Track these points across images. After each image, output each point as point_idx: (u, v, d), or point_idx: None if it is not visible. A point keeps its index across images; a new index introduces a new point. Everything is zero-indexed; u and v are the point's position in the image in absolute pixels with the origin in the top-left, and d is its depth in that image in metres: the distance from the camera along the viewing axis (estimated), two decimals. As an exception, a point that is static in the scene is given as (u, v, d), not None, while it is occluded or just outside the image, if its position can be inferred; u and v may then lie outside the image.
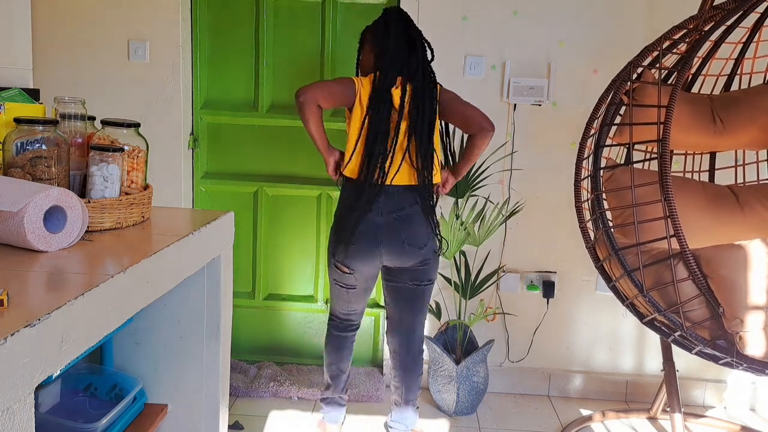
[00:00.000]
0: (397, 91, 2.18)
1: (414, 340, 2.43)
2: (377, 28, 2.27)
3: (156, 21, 2.86)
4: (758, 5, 2.24)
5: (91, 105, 1.58)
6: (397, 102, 2.18)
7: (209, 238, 1.51)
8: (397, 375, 2.46)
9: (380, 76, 2.18)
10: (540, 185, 2.93)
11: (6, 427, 0.81)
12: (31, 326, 0.84)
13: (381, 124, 2.15)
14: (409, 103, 2.18)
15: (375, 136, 2.15)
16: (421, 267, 2.29)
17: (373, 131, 2.16)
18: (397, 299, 2.38)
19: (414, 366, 2.44)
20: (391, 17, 2.26)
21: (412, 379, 2.44)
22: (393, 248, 2.22)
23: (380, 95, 2.16)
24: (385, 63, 2.19)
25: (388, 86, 2.16)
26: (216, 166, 3.08)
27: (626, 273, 2.13)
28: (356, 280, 2.30)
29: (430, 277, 2.35)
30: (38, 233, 1.17)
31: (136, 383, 1.61)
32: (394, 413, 2.50)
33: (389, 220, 2.19)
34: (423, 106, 2.18)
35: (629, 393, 3.05)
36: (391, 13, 2.28)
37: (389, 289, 2.39)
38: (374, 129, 2.16)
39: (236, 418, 2.68)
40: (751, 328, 1.91)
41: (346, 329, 2.45)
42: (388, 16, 2.27)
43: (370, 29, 2.31)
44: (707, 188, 2.52)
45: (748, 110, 2.46)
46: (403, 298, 2.37)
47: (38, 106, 1.54)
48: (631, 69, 2.26)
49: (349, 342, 2.46)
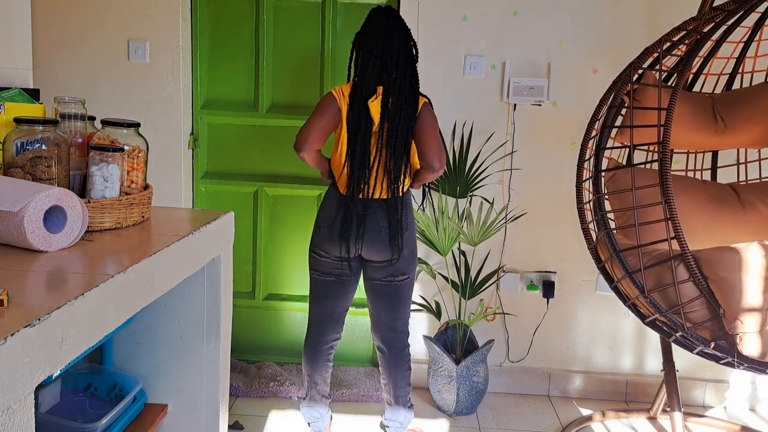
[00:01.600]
0: (375, 103, 2.17)
1: (396, 337, 2.41)
2: (360, 31, 2.26)
3: (156, 21, 2.85)
4: (758, 5, 2.24)
5: (91, 105, 1.58)
6: (375, 116, 2.17)
7: (209, 238, 1.51)
8: (384, 372, 2.45)
9: (359, 84, 2.18)
10: (540, 185, 2.93)
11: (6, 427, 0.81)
12: (31, 326, 0.84)
13: (360, 141, 2.16)
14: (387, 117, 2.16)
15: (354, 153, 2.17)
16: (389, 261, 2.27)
17: (353, 149, 2.17)
18: (375, 297, 2.38)
19: (398, 362, 2.42)
20: (374, 17, 2.23)
21: (398, 375, 2.43)
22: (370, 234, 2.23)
23: (358, 109, 2.16)
24: (365, 68, 2.18)
25: (365, 97, 2.16)
26: (216, 166, 3.08)
27: (628, 274, 2.13)
28: (330, 267, 2.30)
29: (404, 272, 2.31)
30: (38, 233, 1.17)
31: (136, 383, 1.61)
32: (387, 412, 2.50)
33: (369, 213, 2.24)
34: (399, 120, 2.16)
35: (629, 393, 3.04)
36: (374, 13, 2.25)
37: (366, 287, 2.40)
38: (353, 146, 2.17)
39: (236, 418, 2.68)
40: (750, 329, 1.92)
41: (319, 343, 2.42)
42: (371, 17, 2.24)
43: (358, 32, 2.29)
44: (709, 187, 2.52)
45: (749, 109, 2.47)
46: (379, 296, 2.36)
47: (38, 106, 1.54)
48: (632, 70, 2.26)
49: (322, 356, 2.43)
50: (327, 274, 2.33)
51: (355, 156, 2.17)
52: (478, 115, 2.88)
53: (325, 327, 2.41)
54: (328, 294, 2.36)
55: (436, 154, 2.18)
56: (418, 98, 2.21)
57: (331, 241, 2.26)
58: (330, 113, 2.19)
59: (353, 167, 2.18)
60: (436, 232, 2.76)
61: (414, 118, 2.18)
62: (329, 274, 2.33)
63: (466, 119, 2.88)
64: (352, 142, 2.18)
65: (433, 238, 2.77)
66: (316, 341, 2.43)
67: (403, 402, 2.46)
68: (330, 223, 2.25)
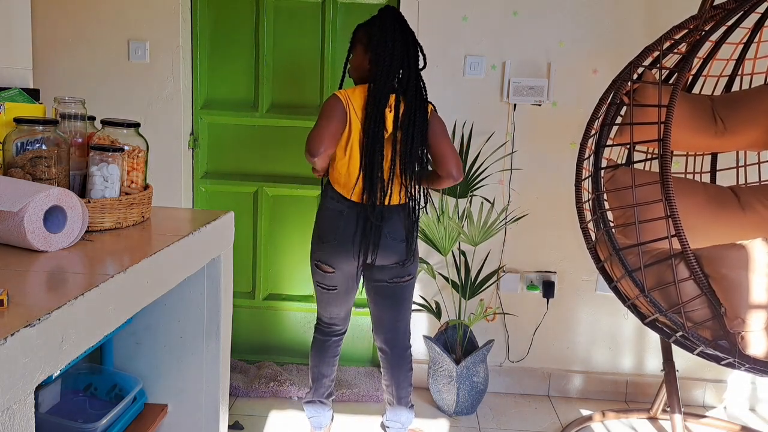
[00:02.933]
0: (390, 114, 2.15)
1: (398, 337, 2.41)
2: (372, 30, 2.18)
3: (156, 21, 2.85)
4: (759, 5, 2.24)
5: (91, 105, 1.58)
6: (389, 125, 2.15)
7: (209, 238, 1.51)
8: (386, 373, 2.45)
9: (374, 94, 2.13)
10: (540, 185, 2.93)
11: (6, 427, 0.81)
12: (31, 326, 0.84)
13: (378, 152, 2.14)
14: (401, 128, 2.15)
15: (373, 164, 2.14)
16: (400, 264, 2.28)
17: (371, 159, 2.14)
18: (377, 298, 2.37)
19: (401, 363, 2.42)
20: (388, 19, 2.17)
21: (401, 376, 2.43)
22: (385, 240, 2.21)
23: (375, 120, 2.12)
24: (380, 76, 2.13)
25: (381, 107, 2.12)
26: (216, 166, 3.08)
27: (627, 273, 2.13)
28: (337, 280, 2.29)
29: (410, 272, 2.33)
30: (38, 233, 1.17)
31: (136, 383, 1.61)
32: (389, 412, 2.49)
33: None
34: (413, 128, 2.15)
35: (629, 393, 3.04)
36: (388, 15, 2.19)
37: (368, 288, 2.38)
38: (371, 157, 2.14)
39: (236, 418, 2.68)
40: (752, 327, 1.91)
41: (330, 334, 2.44)
42: (385, 18, 2.18)
43: (364, 29, 2.22)
44: (708, 189, 2.52)
45: (749, 111, 2.46)
46: (383, 297, 2.35)
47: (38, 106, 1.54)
48: (632, 69, 2.26)
49: (331, 347, 2.45)
50: (332, 287, 2.32)
51: (374, 166, 2.14)
52: (478, 115, 2.88)
53: (335, 323, 2.43)
54: (334, 303, 2.37)
55: (455, 164, 2.20)
56: (428, 105, 2.21)
57: (338, 255, 2.23)
58: (338, 118, 2.13)
59: (372, 178, 2.15)
60: (436, 232, 2.76)
61: (426, 125, 2.18)
62: (334, 287, 2.32)
63: (466, 119, 2.88)
64: (369, 153, 2.14)
65: (434, 237, 2.77)
66: (326, 334, 2.44)
67: (405, 402, 2.46)
68: (336, 236, 2.22)
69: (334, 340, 2.45)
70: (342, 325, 2.45)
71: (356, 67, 2.26)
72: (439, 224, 2.75)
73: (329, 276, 2.29)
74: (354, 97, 2.16)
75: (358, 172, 2.17)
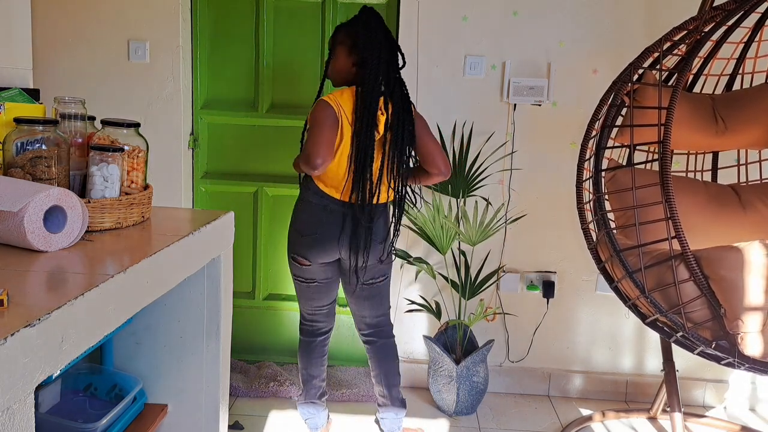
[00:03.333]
0: (383, 117, 2.16)
1: (382, 329, 2.45)
2: (356, 32, 2.16)
3: (156, 21, 2.85)
4: (759, 5, 2.24)
5: (91, 105, 1.58)
6: (381, 127, 2.17)
7: (209, 238, 1.51)
8: (375, 364, 2.46)
9: (365, 98, 2.12)
10: (540, 185, 2.93)
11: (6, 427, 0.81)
12: (31, 326, 0.84)
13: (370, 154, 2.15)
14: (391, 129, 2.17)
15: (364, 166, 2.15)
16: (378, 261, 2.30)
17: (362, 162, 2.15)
18: (356, 299, 2.40)
19: (388, 350, 2.45)
20: (372, 20, 2.16)
21: (388, 364, 2.44)
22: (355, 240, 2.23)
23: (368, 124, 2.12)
24: (369, 78, 2.12)
25: (372, 111, 2.12)
26: (216, 166, 3.08)
27: (628, 274, 2.13)
28: (315, 272, 2.30)
29: (384, 273, 2.37)
30: (38, 233, 1.17)
31: (136, 383, 1.61)
32: (381, 406, 2.50)
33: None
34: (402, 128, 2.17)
35: (629, 393, 3.04)
36: (371, 16, 2.17)
37: (345, 290, 2.41)
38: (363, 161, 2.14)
39: (236, 418, 2.68)
40: (751, 328, 1.92)
41: (314, 334, 2.45)
42: (369, 20, 2.16)
43: (346, 31, 2.20)
44: (709, 187, 2.52)
45: (749, 110, 2.46)
46: (362, 298, 2.39)
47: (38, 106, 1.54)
48: (632, 70, 2.26)
49: (318, 347, 2.46)
50: (310, 280, 2.34)
51: (365, 168, 2.15)
52: (478, 115, 2.88)
53: (317, 320, 2.44)
54: (314, 296, 2.38)
55: (442, 160, 2.25)
56: (411, 104, 2.23)
57: (314, 249, 2.25)
58: (332, 126, 2.12)
59: (362, 179, 2.15)
60: (433, 230, 2.75)
61: (413, 125, 2.21)
62: (312, 280, 2.34)
63: (466, 119, 2.88)
64: (361, 156, 2.14)
65: (432, 235, 2.77)
66: (310, 334, 2.45)
67: (396, 393, 2.47)
68: (317, 230, 2.23)
69: (319, 340, 2.46)
70: (325, 323, 2.45)
71: (339, 69, 2.23)
72: (435, 222, 2.75)
73: (306, 269, 2.30)
74: (343, 101, 2.15)
75: (346, 173, 2.18)
